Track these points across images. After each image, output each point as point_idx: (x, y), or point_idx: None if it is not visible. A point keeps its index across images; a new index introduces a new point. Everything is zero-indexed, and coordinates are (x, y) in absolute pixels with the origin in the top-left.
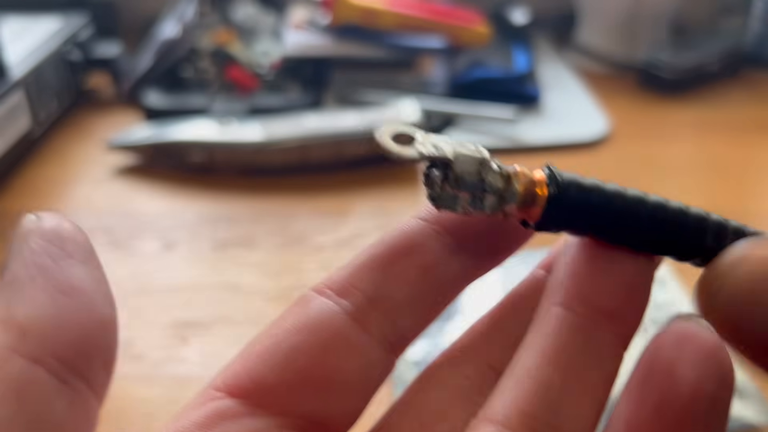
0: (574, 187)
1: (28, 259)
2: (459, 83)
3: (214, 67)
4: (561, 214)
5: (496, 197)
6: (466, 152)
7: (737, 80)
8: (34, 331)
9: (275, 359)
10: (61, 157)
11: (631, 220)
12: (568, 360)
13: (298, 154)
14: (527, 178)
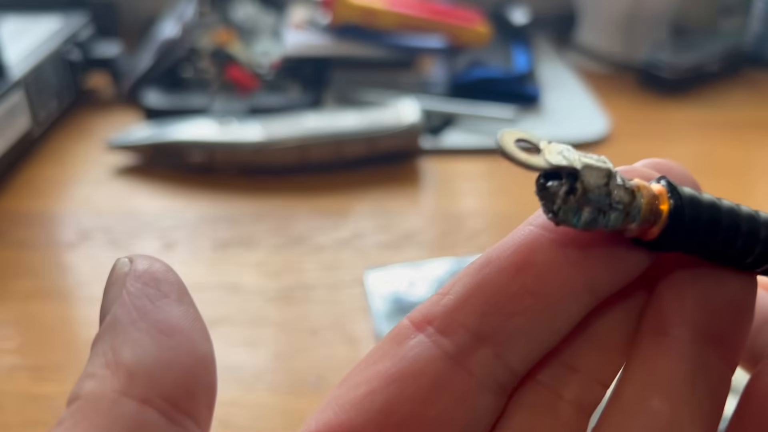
0: (695, 203)
1: (127, 302)
2: (459, 83)
3: (214, 67)
4: (680, 232)
5: (622, 213)
6: (594, 163)
7: (737, 80)
8: (141, 372)
9: (371, 412)
10: (61, 157)
11: (745, 238)
12: (677, 390)
13: (298, 154)
14: (649, 193)
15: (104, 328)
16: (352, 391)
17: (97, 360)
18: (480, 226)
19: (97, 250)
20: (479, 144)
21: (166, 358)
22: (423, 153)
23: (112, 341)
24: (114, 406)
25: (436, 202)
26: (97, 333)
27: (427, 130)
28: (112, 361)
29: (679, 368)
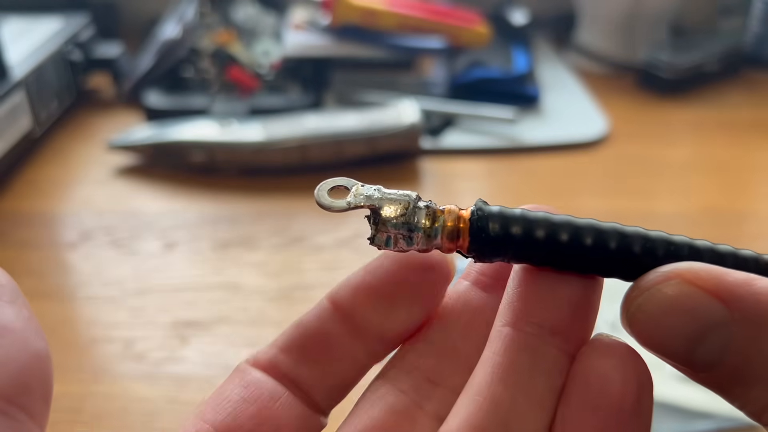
0: (496, 218)
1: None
2: (459, 84)
3: (214, 67)
4: (486, 244)
5: (424, 235)
6: (393, 198)
7: (737, 80)
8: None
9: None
10: (62, 157)
11: (558, 246)
12: (516, 377)
13: (298, 154)
14: (454, 214)
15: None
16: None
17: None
18: None
19: (98, 250)
20: (479, 144)
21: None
22: (423, 153)
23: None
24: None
25: (436, 202)
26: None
27: (427, 131)
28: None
29: (519, 359)
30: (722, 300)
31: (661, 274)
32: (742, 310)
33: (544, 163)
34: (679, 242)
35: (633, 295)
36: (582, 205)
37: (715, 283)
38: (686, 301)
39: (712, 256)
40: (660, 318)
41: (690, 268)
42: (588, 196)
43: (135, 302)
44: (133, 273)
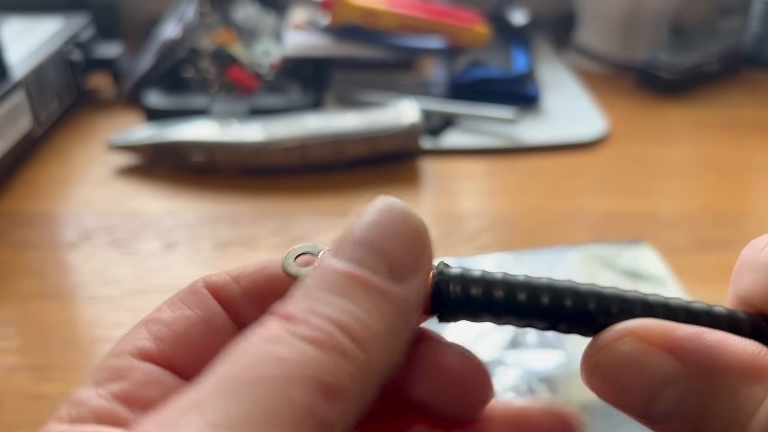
0: (456, 280)
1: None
2: (459, 83)
3: (214, 67)
4: (447, 305)
5: None
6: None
7: (736, 80)
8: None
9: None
10: (62, 158)
11: (516, 305)
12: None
13: (298, 154)
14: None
15: None
16: (165, 328)
17: None
18: (480, 226)
19: (98, 250)
20: (479, 144)
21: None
22: (423, 153)
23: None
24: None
25: (436, 202)
26: None
27: (427, 131)
28: None
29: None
30: (674, 355)
31: (615, 333)
32: (693, 364)
33: (544, 163)
34: (633, 299)
35: (590, 353)
36: (582, 205)
37: (666, 339)
38: (640, 357)
39: (665, 311)
40: (616, 375)
41: (642, 324)
42: (588, 196)
43: (135, 302)
44: (133, 273)
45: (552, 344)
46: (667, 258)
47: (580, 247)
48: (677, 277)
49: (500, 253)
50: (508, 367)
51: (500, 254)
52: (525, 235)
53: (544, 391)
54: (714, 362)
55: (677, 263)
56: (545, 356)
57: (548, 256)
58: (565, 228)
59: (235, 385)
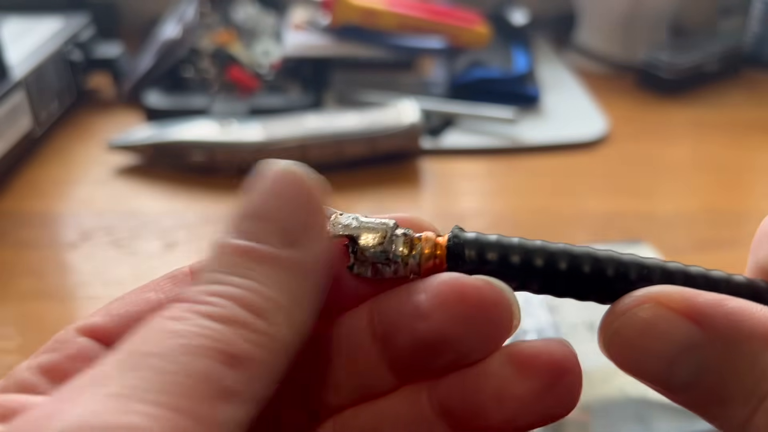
0: (472, 244)
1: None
2: (459, 83)
3: (214, 67)
4: (463, 270)
5: (402, 264)
6: (371, 227)
7: (736, 81)
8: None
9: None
10: (63, 157)
11: (533, 270)
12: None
13: (298, 154)
14: (431, 241)
15: None
16: (123, 307)
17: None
18: (480, 226)
19: (98, 250)
20: (479, 144)
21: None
22: (423, 153)
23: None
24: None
25: (436, 202)
26: None
27: (427, 131)
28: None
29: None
30: (695, 321)
31: (635, 299)
32: (714, 331)
33: (544, 163)
34: (652, 265)
35: (609, 320)
36: (582, 204)
37: (687, 305)
38: (660, 324)
39: (684, 279)
40: (636, 342)
41: (663, 291)
42: (588, 195)
43: None
44: (133, 273)
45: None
46: (667, 258)
47: None
48: None
49: None
50: None
51: None
52: (525, 235)
53: None
54: (735, 329)
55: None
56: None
57: None
58: (565, 228)
59: (135, 358)
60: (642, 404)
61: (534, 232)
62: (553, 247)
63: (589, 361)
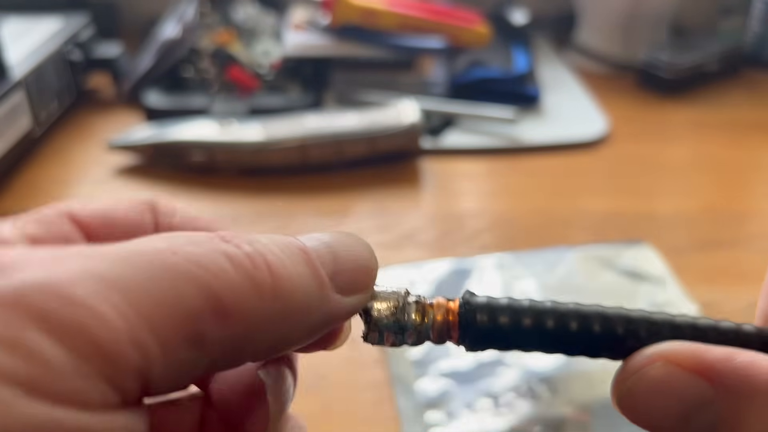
0: (483, 309)
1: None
2: (459, 83)
3: (214, 67)
4: (475, 336)
5: (415, 333)
6: (384, 297)
7: (736, 80)
8: None
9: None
10: (62, 157)
11: (545, 332)
12: None
13: (298, 154)
14: (442, 308)
15: None
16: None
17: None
18: (480, 226)
19: None
20: (479, 144)
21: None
22: (423, 153)
23: None
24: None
25: (436, 202)
26: None
27: (427, 131)
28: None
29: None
30: (706, 378)
31: (645, 357)
32: (725, 386)
33: (545, 163)
34: (660, 321)
35: (621, 379)
36: (582, 205)
37: (696, 362)
38: (671, 382)
39: (693, 332)
40: (649, 400)
41: (671, 348)
42: (588, 196)
43: None
44: None
45: None
46: (667, 258)
47: (581, 247)
48: (677, 277)
49: (500, 253)
50: (508, 367)
51: (500, 254)
52: (525, 235)
53: (545, 391)
54: (746, 384)
55: (677, 263)
56: (545, 356)
57: (548, 256)
58: (565, 228)
59: (135, 256)
60: None
61: (534, 232)
62: (563, 308)
63: (589, 362)
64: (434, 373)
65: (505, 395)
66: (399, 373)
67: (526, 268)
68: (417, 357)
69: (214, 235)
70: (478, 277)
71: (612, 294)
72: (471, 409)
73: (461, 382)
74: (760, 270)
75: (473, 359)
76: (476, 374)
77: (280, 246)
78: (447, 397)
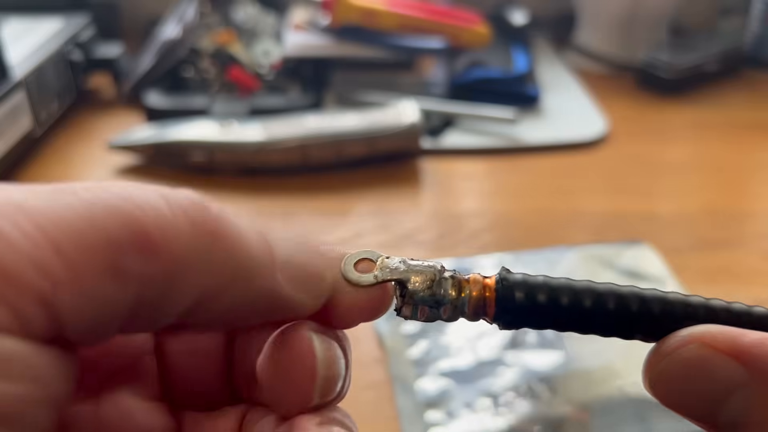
0: (521, 286)
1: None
2: (459, 83)
3: (214, 67)
4: (513, 313)
5: (451, 307)
6: (419, 271)
7: (736, 81)
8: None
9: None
10: (63, 157)
11: (582, 312)
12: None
13: (298, 154)
14: (479, 284)
15: None
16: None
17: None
18: (480, 226)
19: None
20: (479, 144)
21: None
22: (423, 153)
23: None
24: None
25: (436, 202)
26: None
27: (427, 131)
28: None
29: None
30: (740, 361)
31: (679, 339)
32: (760, 370)
33: (544, 163)
34: (696, 303)
35: (654, 360)
36: (581, 205)
37: (731, 345)
38: (705, 364)
39: (727, 316)
40: (681, 382)
41: (707, 331)
42: (588, 196)
43: None
44: None
45: (552, 344)
46: (667, 258)
47: (580, 247)
48: (677, 277)
49: (500, 253)
50: (508, 366)
51: (500, 254)
52: (525, 234)
53: (544, 390)
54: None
55: (677, 263)
56: (545, 356)
57: (548, 256)
58: (565, 228)
59: (63, 192)
60: (642, 404)
61: (534, 232)
62: (600, 288)
63: (588, 361)
64: (434, 372)
65: (504, 395)
66: (399, 372)
67: (526, 268)
68: (417, 356)
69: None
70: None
71: None
72: (471, 409)
73: (461, 381)
74: (759, 270)
75: (473, 359)
76: (476, 374)
77: (242, 215)
78: (447, 397)
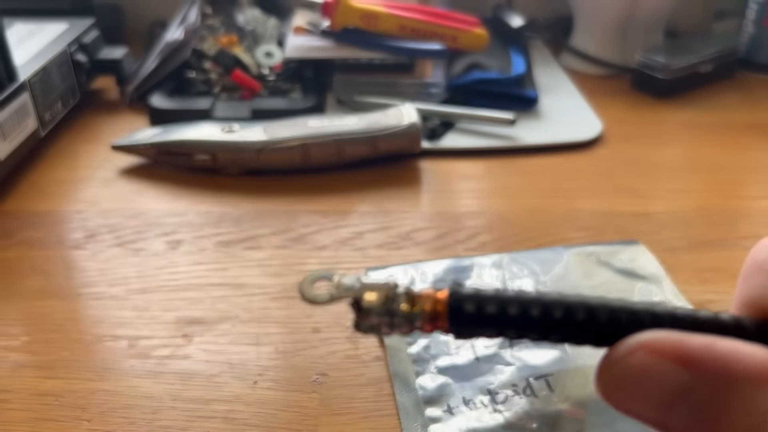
0: (471, 299)
1: None
2: (458, 86)
3: (217, 69)
4: (464, 324)
5: (405, 320)
6: (375, 286)
7: (731, 83)
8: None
9: None
10: (67, 158)
11: (530, 321)
12: None
13: (299, 154)
14: (431, 298)
15: None
16: None
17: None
18: (480, 226)
19: (103, 250)
20: (479, 145)
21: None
22: (423, 154)
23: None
24: None
25: (436, 202)
26: None
27: (426, 132)
28: None
29: None
30: (685, 366)
31: (627, 347)
32: (706, 374)
33: (542, 164)
34: (641, 310)
35: (605, 368)
36: (578, 204)
37: (677, 350)
38: (652, 370)
39: (672, 321)
40: (631, 389)
41: (652, 338)
42: (584, 196)
43: (140, 301)
44: (138, 272)
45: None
46: (662, 257)
47: (577, 247)
48: (672, 277)
49: (498, 253)
50: (506, 364)
51: (498, 254)
52: (523, 234)
53: (541, 388)
54: (726, 371)
55: (672, 263)
56: (543, 353)
57: (545, 256)
58: (562, 228)
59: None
60: None
61: (531, 232)
62: (548, 298)
63: (586, 359)
64: (433, 370)
65: (502, 392)
66: (399, 369)
67: (524, 268)
68: (416, 354)
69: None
70: (476, 276)
71: (608, 293)
72: (469, 406)
73: (460, 378)
74: None
75: (472, 357)
76: (475, 371)
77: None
78: (446, 394)
